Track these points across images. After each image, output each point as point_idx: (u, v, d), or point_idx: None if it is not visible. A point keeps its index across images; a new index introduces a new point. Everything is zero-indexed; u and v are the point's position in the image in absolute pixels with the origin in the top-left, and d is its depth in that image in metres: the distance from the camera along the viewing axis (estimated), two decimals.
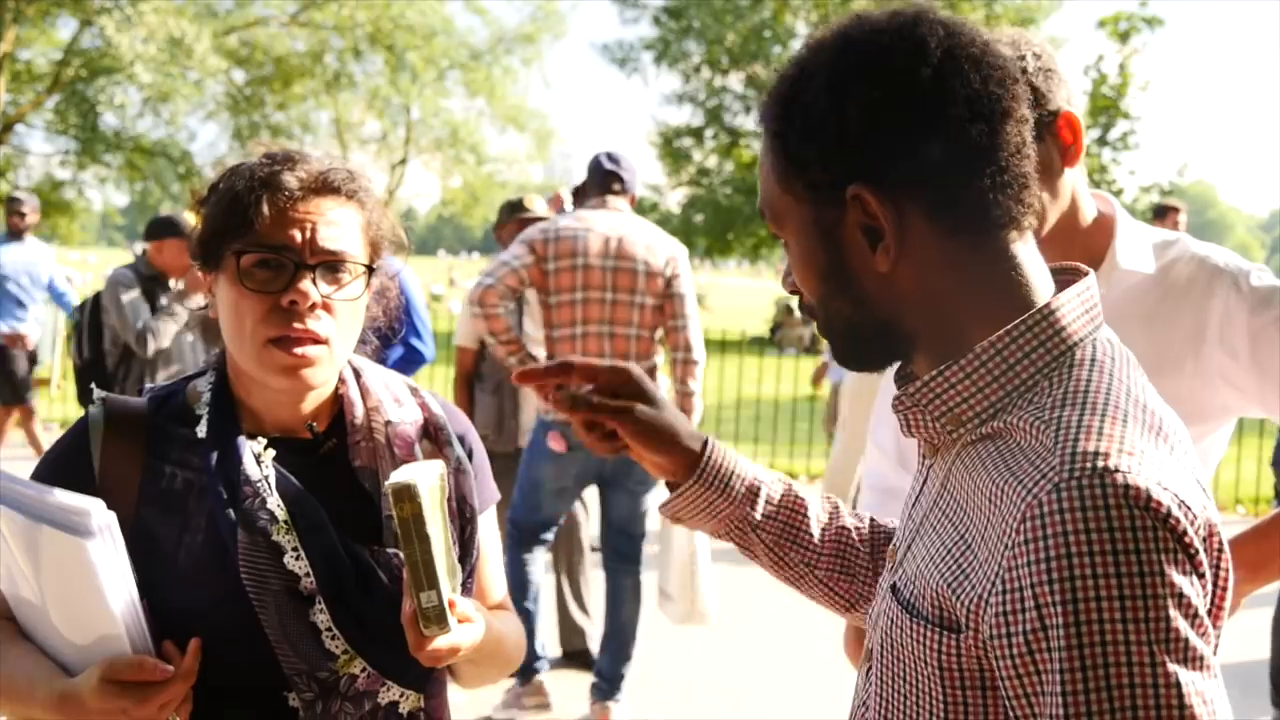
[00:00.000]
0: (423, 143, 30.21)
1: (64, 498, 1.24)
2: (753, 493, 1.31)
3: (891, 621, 1.04)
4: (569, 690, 4.59)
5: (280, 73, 25.64)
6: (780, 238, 1.10)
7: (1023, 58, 1.60)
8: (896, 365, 1.14)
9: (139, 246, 5.45)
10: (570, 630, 4.91)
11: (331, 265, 1.38)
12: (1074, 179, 1.67)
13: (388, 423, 1.47)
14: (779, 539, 1.32)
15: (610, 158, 4.29)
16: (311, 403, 1.46)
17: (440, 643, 1.28)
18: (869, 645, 1.14)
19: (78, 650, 1.31)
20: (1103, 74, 14.71)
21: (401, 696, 1.43)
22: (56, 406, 10.68)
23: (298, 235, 1.36)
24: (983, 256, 1.01)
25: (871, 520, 1.38)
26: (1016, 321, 0.99)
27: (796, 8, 23.23)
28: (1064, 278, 1.08)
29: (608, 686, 4.27)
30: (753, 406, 11.38)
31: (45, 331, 11.78)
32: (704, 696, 4.61)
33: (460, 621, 1.32)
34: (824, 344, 7.40)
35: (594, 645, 4.82)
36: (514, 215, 4.96)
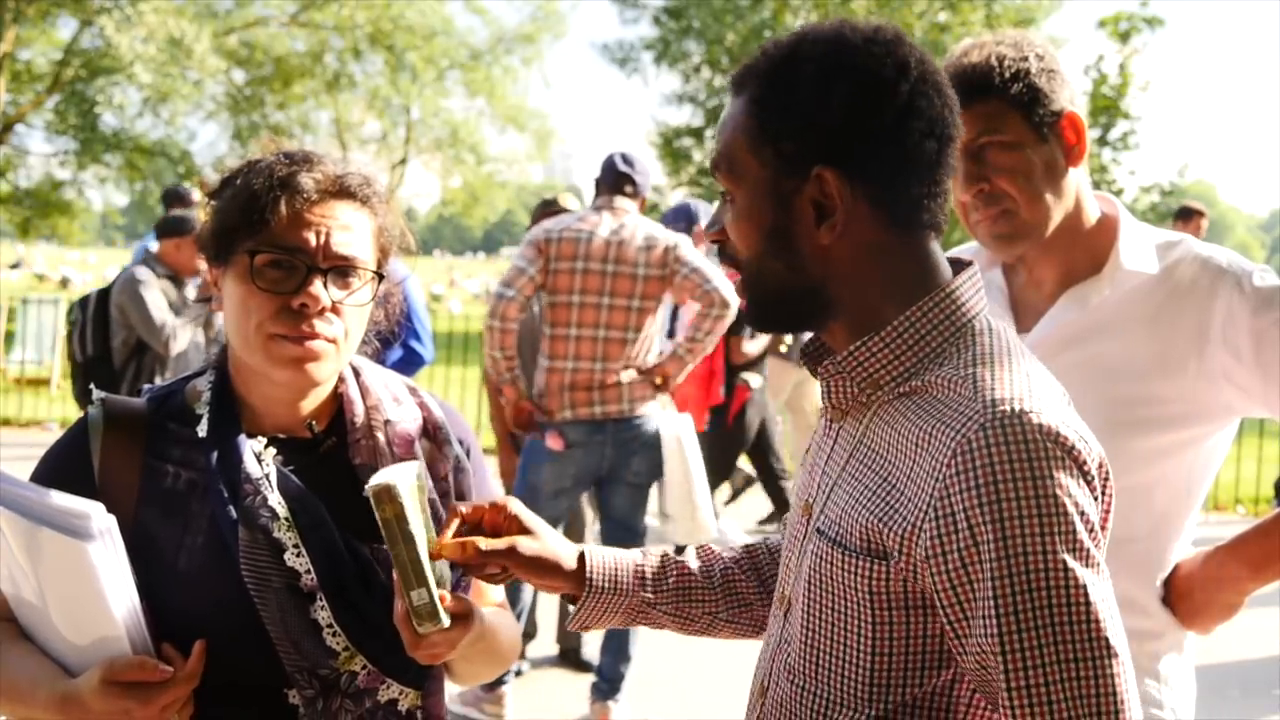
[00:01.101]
0: (423, 143, 30.18)
1: (64, 500, 1.23)
2: (639, 577, 1.41)
3: (820, 559, 1.16)
4: (568, 690, 4.60)
5: (280, 73, 25.60)
6: (726, 190, 1.21)
7: (1025, 59, 1.60)
8: (804, 337, 1.29)
9: (151, 245, 5.41)
10: (567, 631, 4.91)
11: (342, 270, 1.40)
12: (1078, 179, 1.67)
13: (387, 422, 1.48)
14: (677, 603, 1.42)
15: (625, 159, 4.28)
16: (312, 401, 1.47)
17: (435, 639, 1.29)
18: (784, 593, 1.26)
19: (78, 651, 1.31)
20: (1103, 74, 14.69)
21: (400, 694, 1.44)
22: (56, 406, 10.68)
23: (312, 238, 1.37)
24: (906, 248, 1.17)
25: (746, 547, 1.49)
26: (925, 299, 1.15)
27: (796, 8, 23.19)
28: (955, 269, 1.21)
29: (608, 687, 4.27)
30: None
31: (45, 330, 11.83)
32: (704, 696, 4.61)
33: (455, 616, 1.32)
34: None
35: (587, 649, 4.85)
36: (546, 212, 4.96)
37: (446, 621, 1.28)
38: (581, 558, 1.38)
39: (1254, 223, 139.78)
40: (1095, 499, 1.05)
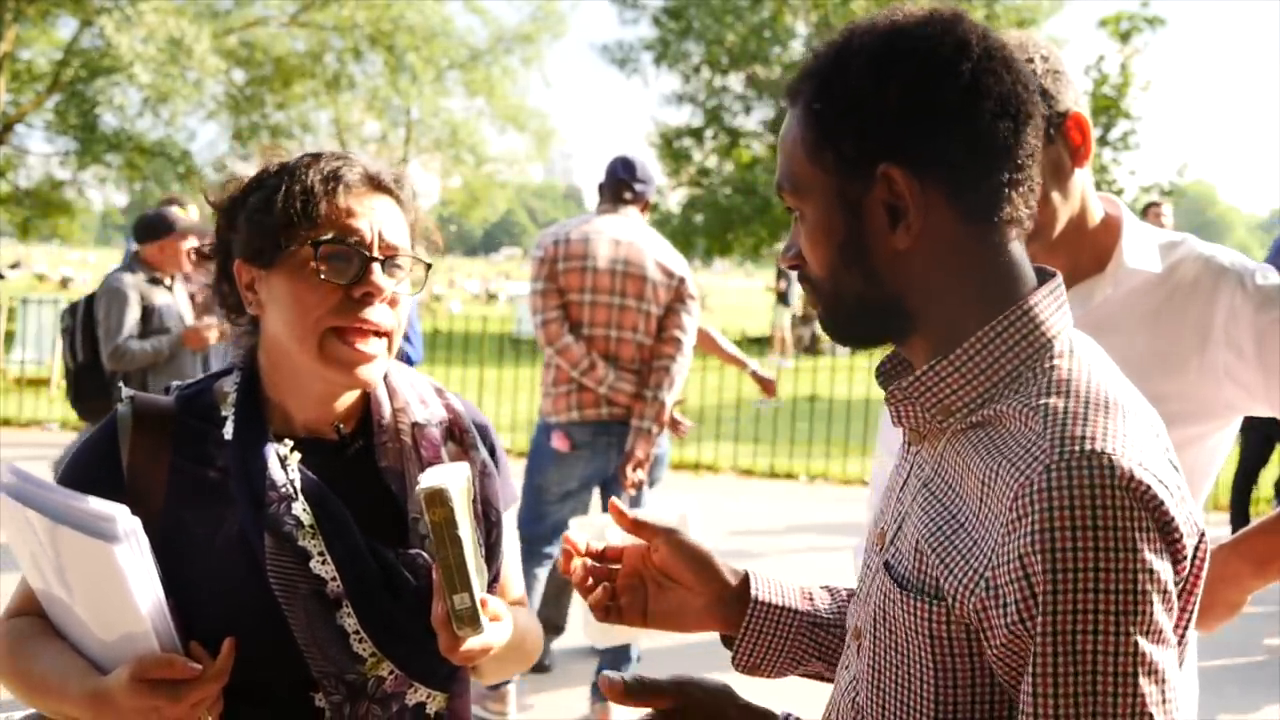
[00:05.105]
0: (423, 143, 30.15)
1: (90, 503, 1.23)
2: (806, 596, 1.33)
3: (885, 596, 1.08)
4: (570, 690, 4.60)
5: (280, 73, 25.56)
6: (794, 210, 1.12)
7: (1030, 60, 1.60)
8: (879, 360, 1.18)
9: (131, 246, 5.39)
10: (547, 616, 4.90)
11: (394, 259, 1.40)
12: (1083, 180, 1.68)
13: (414, 424, 1.47)
14: (843, 629, 1.31)
15: (625, 165, 4.31)
16: (345, 401, 1.46)
17: (473, 643, 1.29)
18: (857, 623, 1.16)
19: (107, 647, 1.31)
20: (1104, 74, 14.72)
21: (428, 697, 1.44)
22: (56, 406, 10.68)
23: (366, 228, 1.38)
24: (987, 249, 1.06)
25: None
26: (1002, 315, 1.05)
27: (796, 8, 23.20)
28: (1041, 278, 1.11)
29: None
30: (752, 407, 11.39)
31: (45, 330, 11.84)
32: None
33: (491, 620, 1.32)
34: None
35: (588, 650, 4.83)
36: None
37: (486, 627, 1.28)
38: (741, 575, 1.31)
39: (1254, 223, 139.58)
40: (1173, 554, 0.92)
